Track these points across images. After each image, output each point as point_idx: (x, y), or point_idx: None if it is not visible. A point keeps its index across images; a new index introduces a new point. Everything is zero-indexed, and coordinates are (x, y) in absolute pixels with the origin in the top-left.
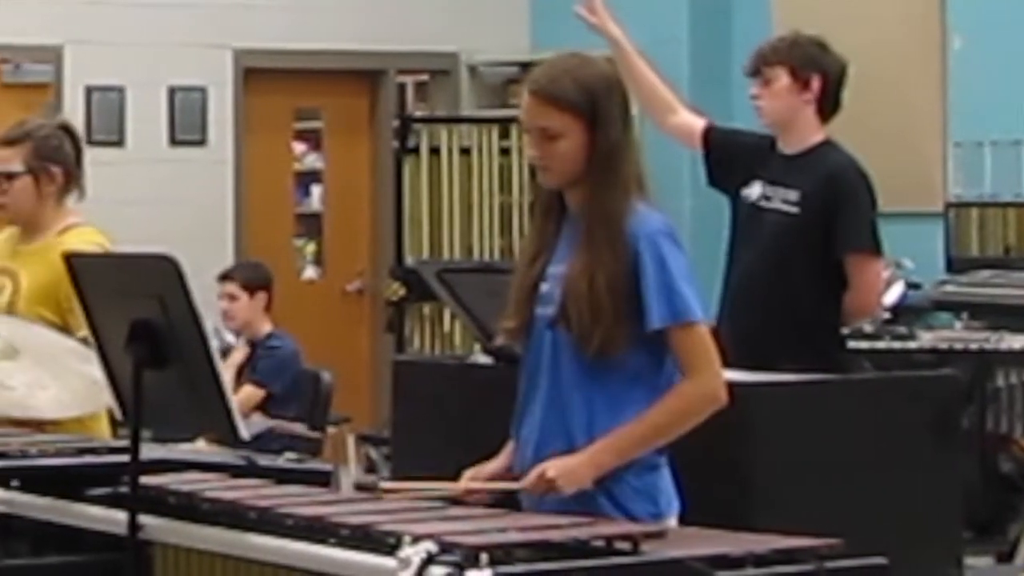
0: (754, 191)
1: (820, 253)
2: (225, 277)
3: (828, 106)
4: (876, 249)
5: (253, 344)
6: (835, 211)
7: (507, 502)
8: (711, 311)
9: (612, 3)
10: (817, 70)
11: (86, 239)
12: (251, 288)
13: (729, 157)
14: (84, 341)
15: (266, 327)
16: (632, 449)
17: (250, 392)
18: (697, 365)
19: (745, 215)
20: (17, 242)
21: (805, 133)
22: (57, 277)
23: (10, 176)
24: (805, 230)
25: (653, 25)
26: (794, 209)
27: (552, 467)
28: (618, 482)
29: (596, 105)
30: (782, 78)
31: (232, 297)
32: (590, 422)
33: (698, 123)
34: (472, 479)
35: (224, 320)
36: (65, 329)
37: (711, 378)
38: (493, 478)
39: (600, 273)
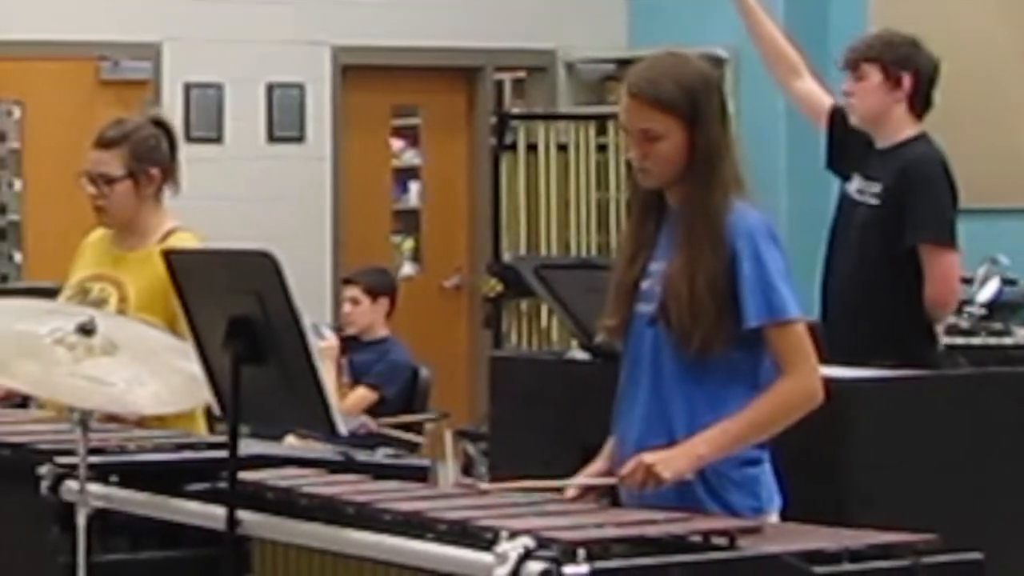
0: (853, 185)
1: (898, 246)
2: (348, 281)
3: (920, 103)
4: (949, 241)
5: (343, 339)
6: (909, 202)
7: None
8: (808, 308)
9: None
10: (909, 68)
11: (187, 243)
12: (374, 294)
13: (846, 144)
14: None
15: (382, 331)
16: (730, 444)
17: (363, 394)
18: (794, 363)
19: (841, 209)
20: (116, 247)
21: (897, 129)
22: (163, 285)
23: (110, 180)
24: (884, 223)
25: None
26: (875, 202)
27: (651, 456)
28: (718, 476)
29: (696, 105)
30: (874, 76)
31: (354, 301)
32: (691, 419)
33: (826, 99)
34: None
35: (344, 324)
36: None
37: (808, 376)
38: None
39: (700, 273)
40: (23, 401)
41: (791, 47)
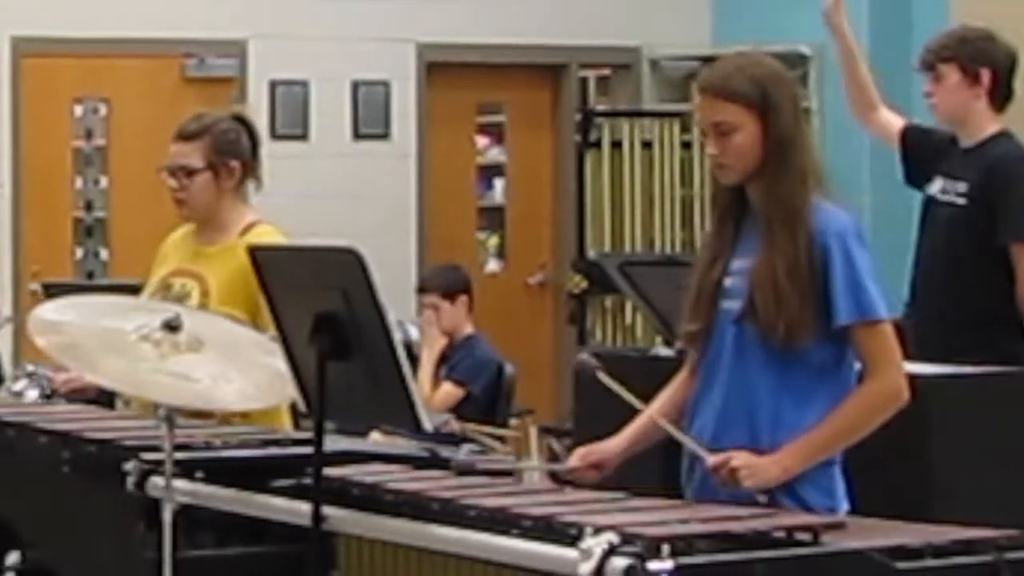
0: (934, 186)
1: (988, 244)
2: (423, 289)
3: (1000, 97)
4: None
5: (458, 344)
6: (997, 201)
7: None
8: (893, 307)
9: None
10: (987, 63)
11: (268, 238)
12: (451, 295)
13: (920, 155)
14: (273, 340)
15: (468, 329)
16: (820, 454)
17: (449, 390)
18: (881, 363)
19: (926, 211)
20: (197, 242)
21: (979, 126)
22: (244, 278)
23: (190, 172)
24: (972, 222)
25: None
26: (962, 201)
27: (740, 460)
28: (798, 475)
29: (766, 95)
30: (952, 75)
31: (435, 308)
32: (776, 415)
33: (897, 122)
34: (583, 456)
35: (435, 329)
36: (255, 329)
37: (894, 377)
38: (604, 459)
39: (781, 262)
40: (108, 398)
41: (871, 84)
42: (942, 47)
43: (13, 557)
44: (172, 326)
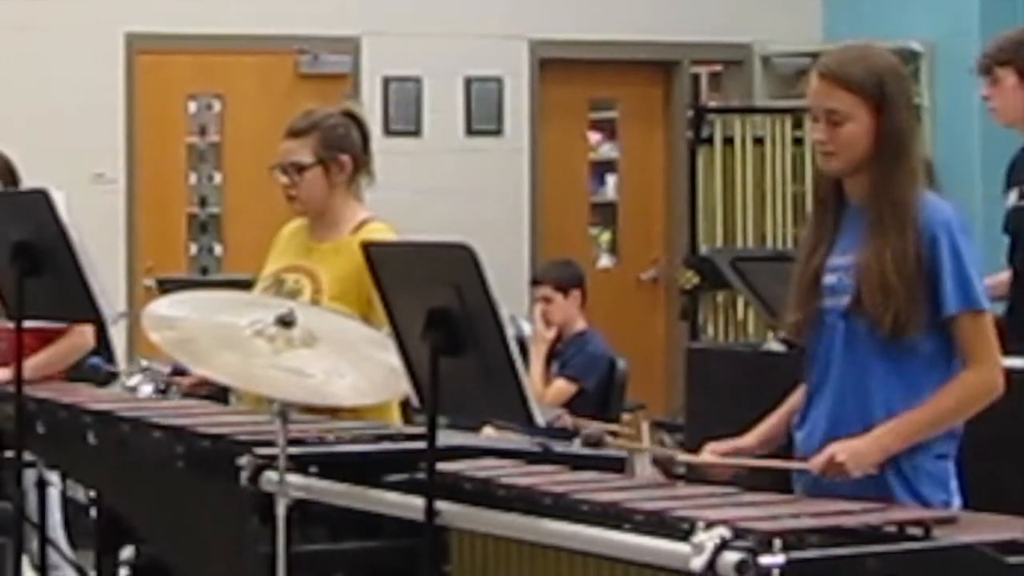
0: (1011, 197)
1: None
2: (537, 282)
3: None
4: None
5: (571, 339)
6: None
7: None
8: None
9: None
10: None
11: (380, 235)
12: (564, 288)
13: (1009, 168)
14: (387, 336)
15: (580, 324)
16: (916, 434)
17: (562, 386)
18: (980, 354)
19: (1010, 220)
20: (309, 238)
21: None
22: (357, 274)
23: (300, 168)
24: None
25: (945, 19)
26: None
27: (841, 450)
28: (913, 468)
29: (883, 89)
30: (1009, 78)
31: (546, 300)
32: (888, 409)
33: None
34: (713, 451)
35: (543, 322)
36: (367, 325)
37: (992, 368)
38: (737, 453)
39: (889, 254)
40: (222, 393)
41: None
42: (999, 51)
43: (127, 552)
44: (286, 321)
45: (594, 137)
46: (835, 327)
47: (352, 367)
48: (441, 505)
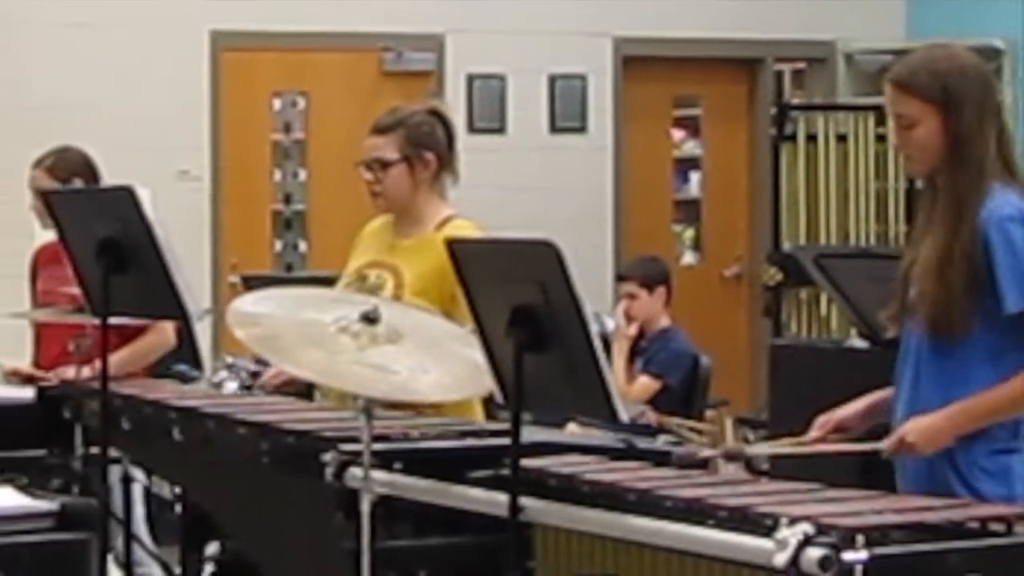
0: None
1: None
2: (622, 278)
3: None
4: None
5: (655, 336)
6: None
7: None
8: None
9: None
10: None
11: (464, 232)
12: (650, 285)
13: None
14: (471, 333)
15: (664, 321)
16: (986, 415)
17: (646, 383)
18: None
19: None
20: (393, 235)
21: None
22: (439, 270)
23: (385, 164)
24: None
25: None
26: None
27: (911, 431)
28: (969, 464)
29: (948, 93)
30: None
31: (631, 296)
32: (944, 402)
33: None
34: (822, 425)
35: (624, 318)
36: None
37: None
38: (844, 422)
39: (941, 250)
40: (307, 389)
41: None
42: None
43: (213, 547)
44: (371, 318)
45: (678, 134)
46: (912, 320)
47: (436, 363)
48: (525, 501)
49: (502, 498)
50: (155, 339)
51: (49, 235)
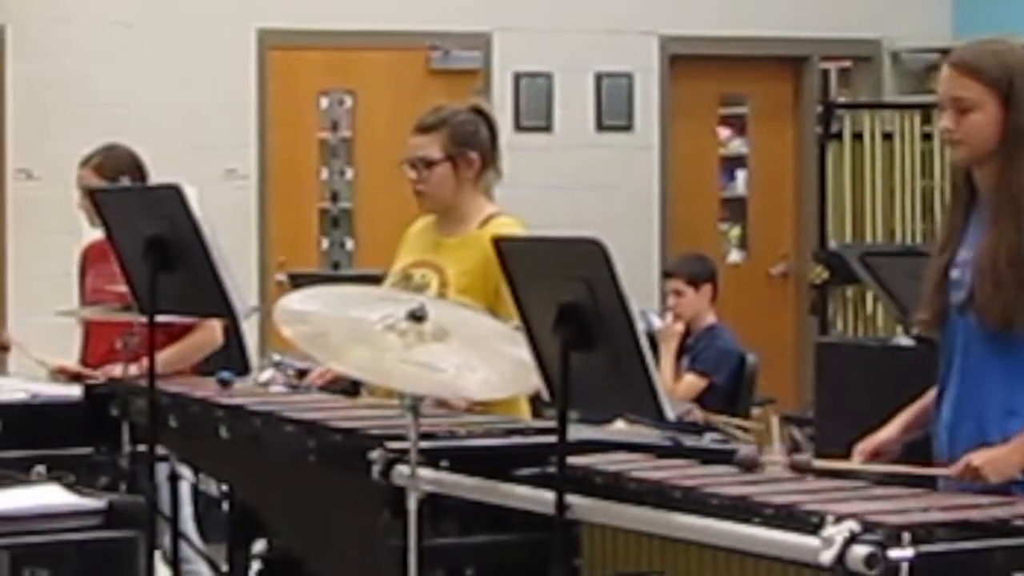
0: None
1: None
2: (669, 275)
3: None
4: None
5: (701, 334)
6: None
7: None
8: None
9: None
10: None
11: (508, 229)
12: (696, 282)
13: None
14: (516, 330)
15: (710, 319)
16: None
17: (693, 381)
18: None
19: None
20: (437, 233)
21: None
22: (483, 268)
23: (429, 163)
24: None
25: None
26: None
27: (979, 457)
28: None
29: (1012, 83)
30: None
31: (678, 293)
32: (1006, 404)
33: None
34: (862, 452)
35: (672, 316)
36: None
37: None
38: (881, 449)
39: (1003, 247)
40: (354, 387)
41: None
42: None
43: (260, 545)
44: (417, 316)
45: (724, 133)
46: (957, 321)
47: (483, 361)
48: (572, 499)
49: (548, 496)
50: (202, 337)
51: (97, 233)
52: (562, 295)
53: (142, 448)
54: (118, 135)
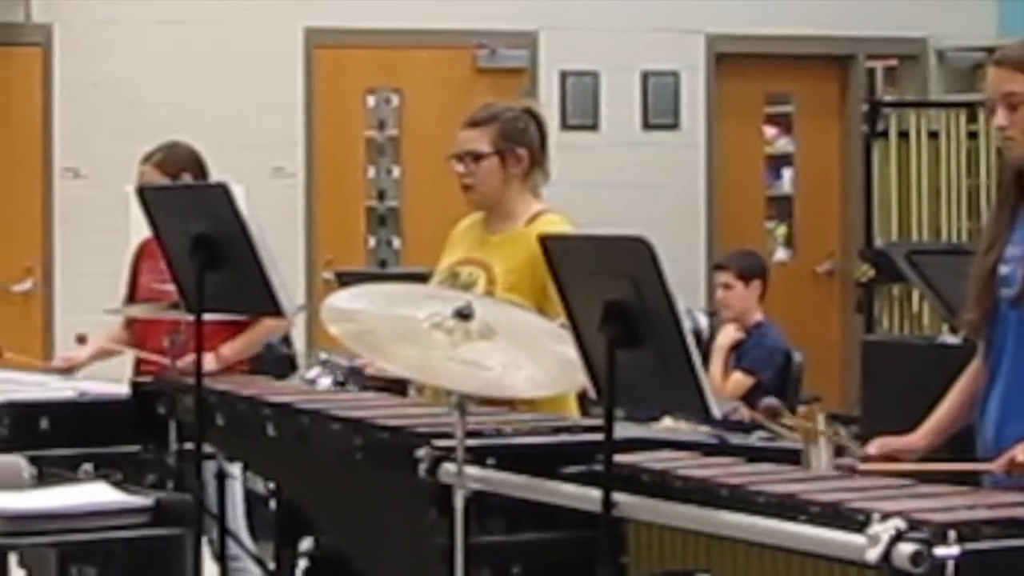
0: None
1: None
2: (720, 267)
3: None
4: None
5: (747, 331)
6: None
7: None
8: None
9: None
10: None
11: (555, 227)
12: (746, 277)
13: None
14: (562, 328)
15: (757, 316)
16: None
17: (739, 379)
18: None
19: None
20: (484, 231)
21: None
22: (530, 265)
23: (477, 157)
24: None
25: None
26: None
27: (1022, 450)
28: None
29: None
30: None
31: (727, 286)
32: None
33: None
34: (881, 447)
35: (719, 309)
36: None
37: None
38: (897, 455)
39: None
40: (401, 385)
41: None
42: None
43: (307, 543)
44: (464, 314)
45: (770, 131)
46: (1008, 317)
47: (530, 359)
48: (618, 497)
49: (595, 494)
50: (271, 322)
51: None
52: (608, 293)
53: (189, 446)
54: (165, 134)
